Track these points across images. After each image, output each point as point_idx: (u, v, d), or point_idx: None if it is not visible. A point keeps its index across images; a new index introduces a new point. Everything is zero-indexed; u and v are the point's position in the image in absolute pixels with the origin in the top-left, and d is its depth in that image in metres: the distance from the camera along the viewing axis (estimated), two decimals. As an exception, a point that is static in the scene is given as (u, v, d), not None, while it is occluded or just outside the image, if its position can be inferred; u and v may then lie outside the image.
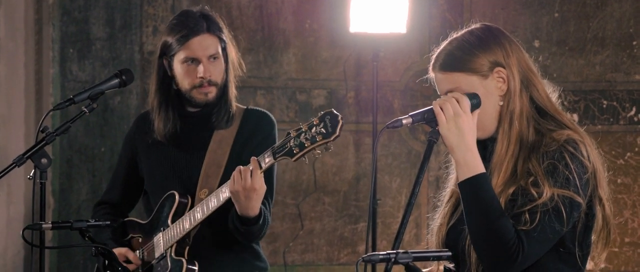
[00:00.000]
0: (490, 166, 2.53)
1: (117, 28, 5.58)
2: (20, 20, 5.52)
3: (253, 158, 3.19)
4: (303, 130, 3.02)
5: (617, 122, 5.48)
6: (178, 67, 3.45)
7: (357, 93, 5.72)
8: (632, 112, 5.53)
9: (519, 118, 2.53)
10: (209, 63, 3.40)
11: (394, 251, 2.40)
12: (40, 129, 3.15)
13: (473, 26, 2.63)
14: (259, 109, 3.60)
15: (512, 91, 2.54)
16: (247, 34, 5.65)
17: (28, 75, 5.53)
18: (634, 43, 5.53)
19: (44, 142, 3.11)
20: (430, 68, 2.62)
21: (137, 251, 3.53)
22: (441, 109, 2.50)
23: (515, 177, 2.48)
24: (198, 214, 3.32)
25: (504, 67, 2.55)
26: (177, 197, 3.41)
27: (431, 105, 2.54)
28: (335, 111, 2.98)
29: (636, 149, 5.47)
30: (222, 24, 3.48)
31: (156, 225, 3.46)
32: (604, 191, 2.54)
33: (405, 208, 2.44)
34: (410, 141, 5.72)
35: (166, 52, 3.46)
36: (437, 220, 2.65)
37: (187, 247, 3.39)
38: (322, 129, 2.97)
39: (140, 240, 3.52)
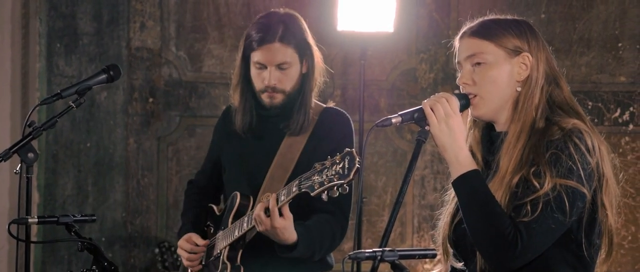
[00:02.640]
0: (500, 153, 2.54)
1: (104, 23, 5.56)
2: (6, 14, 5.50)
3: (273, 195, 3.18)
4: (327, 166, 3.00)
5: (602, 123, 5.51)
6: (252, 68, 3.49)
7: (343, 91, 5.73)
8: (617, 114, 5.56)
9: (536, 109, 2.54)
10: (277, 71, 3.42)
11: (380, 249, 2.41)
12: (27, 123, 3.14)
13: (517, 17, 2.66)
14: (336, 109, 3.58)
15: (534, 81, 2.56)
16: (235, 31, 5.64)
17: (14, 69, 5.52)
18: (619, 45, 5.56)
19: (31, 136, 3.11)
20: (458, 37, 2.63)
21: (207, 240, 3.58)
22: (432, 109, 2.51)
23: (521, 165, 2.49)
24: (245, 224, 3.35)
25: (531, 55, 2.57)
26: (238, 198, 3.44)
27: (420, 105, 2.55)
28: (355, 153, 2.92)
29: (620, 150, 5.50)
30: (304, 30, 3.49)
31: (221, 221, 3.51)
32: (609, 197, 2.53)
33: (393, 206, 2.45)
34: (396, 140, 5.74)
35: (246, 50, 3.50)
36: (442, 218, 2.66)
37: (241, 251, 3.40)
38: (340, 170, 2.93)
39: (212, 230, 3.58)
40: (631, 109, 5.53)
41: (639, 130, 5.54)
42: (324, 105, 3.56)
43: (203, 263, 3.54)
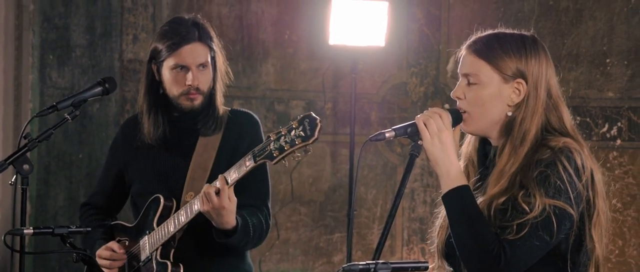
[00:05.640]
0: (490, 177, 2.56)
1: (97, 35, 5.59)
2: (0, 26, 5.51)
3: (220, 175, 3.23)
4: (282, 133, 3.05)
5: (590, 138, 5.56)
6: (167, 73, 3.48)
7: (334, 104, 5.77)
8: (605, 129, 5.61)
9: (532, 139, 2.54)
10: (198, 71, 3.44)
11: (374, 261, 2.44)
12: (23, 135, 3.17)
13: (526, 32, 2.66)
14: (243, 110, 3.64)
15: (531, 110, 2.55)
16: (227, 44, 5.64)
17: (7, 81, 5.53)
18: (608, 60, 5.60)
19: (27, 148, 3.14)
20: (465, 46, 2.63)
21: (125, 254, 3.55)
22: (425, 124, 2.54)
23: (509, 188, 2.51)
24: (182, 217, 3.35)
25: (526, 82, 2.57)
26: (162, 200, 3.44)
27: (412, 119, 2.58)
28: (314, 114, 2.99)
29: (608, 165, 5.54)
30: (212, 33, 3.53)
31: (142, 228, 3.50)
32: (598, 231, 2.53)
33: (387, 219, 2.48)
34: (387, 153, 5.77)
35: (155, 58, 3.49)
36: (435, 230, 2.69)
37: (172, 250, 3.42)
38: (301, 132, 2.99)
39: (127, 243, 3.55)
40: (619, 124, 5.58)
41: (627, 146, 5.58)
42: (229, 108, 3.60)
43: None
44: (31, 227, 3.06)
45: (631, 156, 5.54)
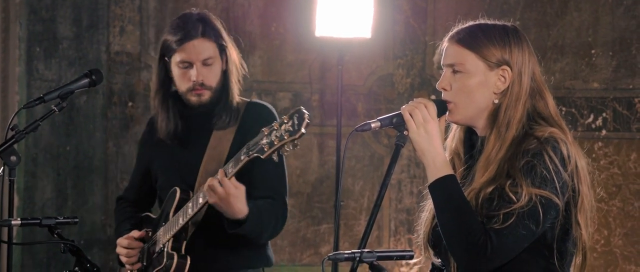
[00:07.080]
0: (477, 165, 2.59)
1: (84, 28, 5.59)
2: (-14, 18, 5.51)
3: (220, 169, 3.26)
4: (274, 128, 3.07)
5: (575, 128, 5.59)
6: (175, 69, 3.54)
7: (321, 96, 5.79)
8: (590, 119, 5.64)
9: (517, 124, 2.58)
10: (203, 67, 3.48)
11: (359, 250, 2.46)
12: (10, 127, 3.18)
13: (507, 23, 2.69)
14: (260, 102, 3.67)
15: (515, 96, 2.59)
16: (214, 35, 5.68)
17: (-6, 73, 5.53)
18: (593, 51, 5.63)
19: (14, 139, 3.15)
20: (447, 38, 2.67)
21: (145, 245, 3.62)
22: (410, 115, 2.56)
23: (496, 177, 2.53)
24: (189, 209, 3.39)
25: (511, 69, 2.60)
26: (178, 193, 3.51)
27: (398, 110, 2.60)
28: (303, 109, 3.01)
29: (593, 156, 5.57)
30: (220, 27, 3.56)
31: (161, 220, 3.56)
32: (584, 215, 2.56)
33: (372, 209, 2.50)
34: (373, 144, 5.80)
35: (166, 53, 3.55)
36: (422, 221, 2.71)
37: (184, 242, 3.45)
38: (290, 127, 3.01)
39: (150, 234, 3.62)
40: (604, 114, 5.61)
41: (612, 136, 5.62)
42: (248, 100, 3.64)
43: (144, 263, 3.58)
44: (19, 218, 3.08)
45: (616, 147, 5.58)
